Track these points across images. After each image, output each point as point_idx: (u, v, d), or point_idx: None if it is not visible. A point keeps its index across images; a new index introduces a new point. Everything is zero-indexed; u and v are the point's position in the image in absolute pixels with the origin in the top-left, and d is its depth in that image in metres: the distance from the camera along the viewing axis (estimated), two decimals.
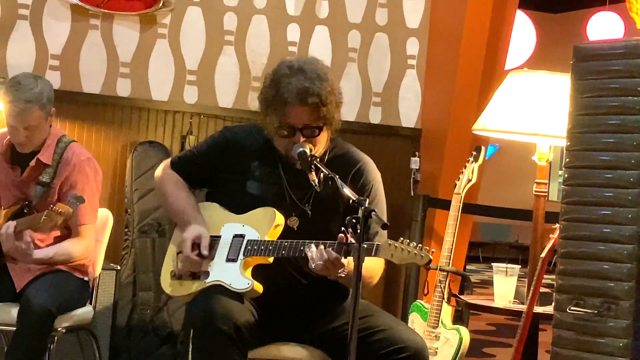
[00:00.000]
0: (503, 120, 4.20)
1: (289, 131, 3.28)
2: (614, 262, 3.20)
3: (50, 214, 3.72)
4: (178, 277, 3.41)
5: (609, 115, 3.25)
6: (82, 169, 4.08)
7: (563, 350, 3.30)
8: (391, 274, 5.73)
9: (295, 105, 3.23)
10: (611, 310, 3.19)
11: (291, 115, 3.25)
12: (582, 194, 3.30)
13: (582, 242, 3.29)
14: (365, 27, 5.71)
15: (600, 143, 3.27)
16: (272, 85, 3.29)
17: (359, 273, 2.79)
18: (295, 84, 3.23)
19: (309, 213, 3.35)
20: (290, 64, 3.31)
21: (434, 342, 4.36)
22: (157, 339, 5.01)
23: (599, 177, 3.26)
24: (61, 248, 4.04)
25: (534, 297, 3.83)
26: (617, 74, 3.24)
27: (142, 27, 5.28)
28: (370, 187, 3.42)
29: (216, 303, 3.16)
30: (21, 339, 3.78)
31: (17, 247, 3.85)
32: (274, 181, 3.39)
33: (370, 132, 5.71)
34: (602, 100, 3.27)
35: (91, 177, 4.10)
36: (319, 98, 3.24)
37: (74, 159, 4.07)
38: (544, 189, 4.20)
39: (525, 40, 9.47)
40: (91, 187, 4.09)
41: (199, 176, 3.54)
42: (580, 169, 3.31)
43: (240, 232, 3.34)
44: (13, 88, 3.97)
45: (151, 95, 5.31)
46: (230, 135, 3.53)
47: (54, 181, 4.04)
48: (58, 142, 4.11)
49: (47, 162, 4.05)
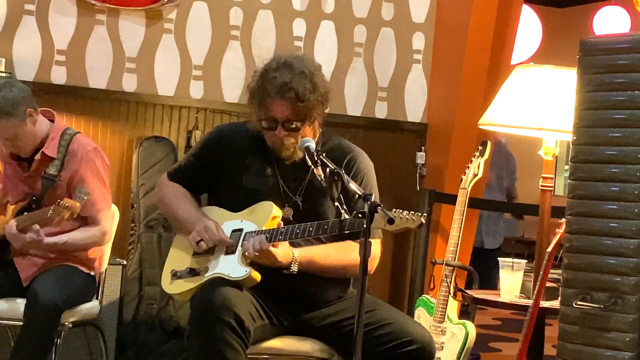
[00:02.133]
0: (509, 115, 4.19)
1: (271, 124, 3.35)
2: (620, 256, 3.20)
3: (57, 209, 3.73)
4: (178, 277, 3.42)
5: (615, 110, 3.25)
6: (89, 159, 4.09)
7: (569, 344, 3.30)
8: (397, 269, 5.73)
9: (275, 99, 3.31)
10: (617, 305, 3.18)
11: (272, 108, 3.32)
12: (588, 188, 3.30)
13: (588, 236, 3.28)
14: (371, 22, 5.71)
15: (606, 137, 3.26)
16: (259, 78, 3.37)
17: (365, 265, 2.79)
18: (279, 78, 3.30)
19: (300, 204, 3.39)
20: (279, 59, 3.38)
21: (440, 336, 4.36)
22: (163, 333, 5.02)
23: (605, 171, 3.26)
24: (75, 234, 4.04)
25: (540, 292, 3.82)
26: (623, 69, 3.24)
27: (148, 22, 5.28)
28: (362, 177, 3.46)
29: (216, 293, 3.18)
30: (28, 333, 3.79)
31: (27, 240, 3.87)
32: (267, 174, 3.43)
33: (376, 127, 5.72)
34: (608, 94, 3.27)
35: (100, 166, 4.12)
36: (296, 94, 3.29)
37: (81, 151, 4.08)
38: (550, 184, 4.20)
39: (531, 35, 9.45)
40: (100, 176, 4.10)
41: (198, 179, 3.56)
42: (586, 164, 3.31)
43: (238, 227, 3.38)
44: None
45: (157, 91, 5.31)
46: (222, 133, 3.59)
47: (61, 173, 4.04)
48: (62, 134, 4.11)
49: (52, 155, 4.05)
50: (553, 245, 3.82)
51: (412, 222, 2.99)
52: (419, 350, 3.25)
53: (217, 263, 3.33)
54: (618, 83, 3.24)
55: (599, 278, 3.24)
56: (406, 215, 2.99)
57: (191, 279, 3.38)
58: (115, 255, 4.77)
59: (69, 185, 4.04)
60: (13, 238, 3.92)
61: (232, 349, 3.11)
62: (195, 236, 3.37)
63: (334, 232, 3.17)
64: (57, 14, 5.12)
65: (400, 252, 5.71)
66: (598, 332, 3.23)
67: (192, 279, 3.37)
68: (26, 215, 3.94)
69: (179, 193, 3.55)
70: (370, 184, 3.49)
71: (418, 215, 3.00)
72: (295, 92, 3.30)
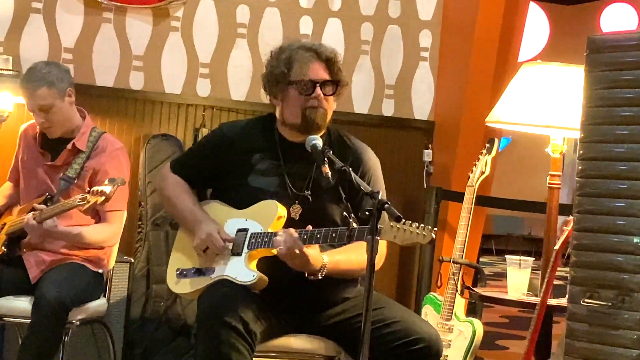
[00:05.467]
0: (516, 113, 4.19)
1: (308, 88, 3.36)
2: (628, 254, 3.19)
3: (85, 197, 3.78)
4: (184, 275, 3.42)
5: (623, 107, 3.24)
6: (116, 157, 4.18)
7: (577, 342, 3.29)
8: (404, 267, 5.73)
9: (312, 61, 3.38)
10: (625, 302, 3.18)
11: (310, 70, 3.37)
12: (595, 186, 3.29)
13: (595, 234, 3.28)
14: (378, 20, 5.70)
15: (614, 135, 3.26)
16: (284, 53, 3.43)
17: (372, 264, 2.78)
18: (307, 46, 3.42)
19: (310, 199, 3.36)
20: (287, 42, 3.51)
21: (447, 334, 4.36)
22: (170, 331, 5.02)
23: (612, 169, 3.25)
24: (89, 229, 4.08)
25: (548, 289, 3.82)
26: (631, 66, 3.23)
27: (155, 20, 5.29)
28: (370, 175, 3.46)
29: (223, 296, 3.18)
30: (36, 331, 3.80)
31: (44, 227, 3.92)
32: (275, 172, 3.42)
33: (383, 124, 5.71)
34: (616, 92, 3.26)
35: (124, 165, 4.22)
36: (333, 54, 3.41)
37: (109, 148, 4.19)
38: (558, 181, 4.19)
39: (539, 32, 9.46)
40: (124, 175, 4.13)
41: (200, 176, 3.55)
42: (594, 161, 3.30)
43: (243, 226, 3.36)
44: (26, 74, 4.16)
45: (164, 89, 5.32)
46: (226, 132, 3.56)
47: (86, 165, 4.11)
48: (91, 131, 4.22)
49: (82, 148, 4.14)
50: (560, 242, 3.81)
51: (422, 238, 2.98)
52: (426, 348, 3.25)
53: (224, 264, 3.32)
54: (626, 80, 3.23)
55: (606, 276, 3.23)
56: (416, 229, 2.96)
57: (197, 279, 3.37)
58: (123, 253, 4.77)
59: (91, 179, 4.09)
60: (32, 229, 3.94)
61: (238, 352, 3.10)
62: (201, 245, 3.35)
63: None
64: (64, 12, 5.13)
65: (408, 250, 5.70)
66: (605, 330, 3.22)
67: (198, 279, 3.37)
68: (52, 206, 3.96)
69: (180, 188, 3.53)
70: (378, 182, 3.48)
71: (428, 229, 2.98)
72: (330, 52, 3.41)
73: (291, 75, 3.38)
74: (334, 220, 3.35)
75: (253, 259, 3.30)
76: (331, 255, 3.26)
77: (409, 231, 2.96)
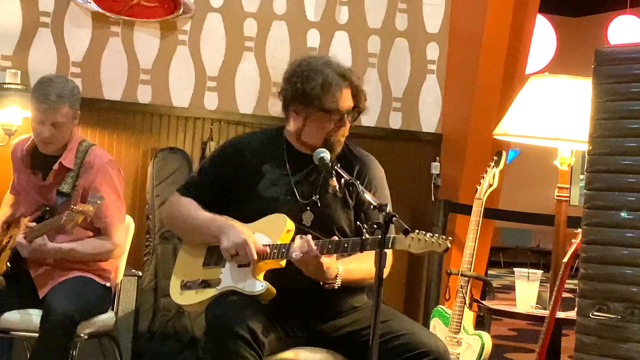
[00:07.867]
0: (524, 125, 4.18)
1: (341, 118, 3.36)
2: (637, 266, 3.18)
3: (70, 214, 3.76)
4: (188, 287, 3.41)
5: (631, 119, 3.23)
6: (105, 172, 4.11)
7: (586, 355, 3.28)
8: (412, 280, 5.72)
9: (344, 88, 3.35)
10: (635, 315, 3.16)
11: (341, 99, 3.35)
12: (604, 198, 3.28)
13: (604, 246, 3.27)
14: (385, 32, 5.71)
15: (622, 147, 3.25)
16: (317, 74, 3.35)
17: (381, 276, 2.78)
18: (340, 71, 3.36)
19: (318, 204, 3.36)
20: (312, 58, 3.46)
21: (455, 347, 4.35)
22: (178, 344, 5.02)
23: (621, 181, 3.24)
24: (83, 243, 4.06)
25: (557, 302, 3.81)
26: (639, 78, 3.22)
27: (163, 33, 5.30)
28: (375, 186, 3.45)
29: (231, 307, 3.17)
30: (44, 345, 3.79)
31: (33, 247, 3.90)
32: (284, 182, 3.41)
33: (391, 137, 5.71)
34: (624, 104, 3.25)
35: (115, 178, 4.14)
36: (359, 80, 3.41)
37: (97, 163, 4.10)
38: (566, 194, 4.18)
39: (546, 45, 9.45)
40: (115, 188, 4.12)
41: (212, 196, 3.49)
42: (602, 174, 3.29)
43: None
44: (45, 84, 4.05)
45: (172, 102, 5.33)
46: (231, 147, 3.55)
47: (77, 183, 4.06)
48: (79, 146, 4.14)
49: (69, 166, 4.07)
50: (569, 255, 3.81)
51: (438, 246, 3.00)
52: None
53: (230, 275, 3.31)
54: (633, 92, 3.23)
55: (615, 289, 3.22)
56: (431, 238, 2.98)
57: (202, 290, 3.35)
58: (131, 266, 4.77)
59: (83, 196, 4.05)
60: (22, 247, 3.95)
61: None
62: (230, 248, 3.27)
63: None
64: (72, 26, 5.15)
65: (416, 263, 5.69)
66: (615, 343, 3.20)
67: (204, 291, 3.35)
68: (40, 225, 3.95)
69: (194, 205, 3.48)
70: (383, 193, 3.48)
71: (443, 238, 3.00)
72: (357, 78, 3.40)
73: (326, 102, 3.33)
74: (341, 227, 3.36)
75: (260, 270, 3.29)
76: (345, 264, 3.25)
77: (423, 240, 2.98)
